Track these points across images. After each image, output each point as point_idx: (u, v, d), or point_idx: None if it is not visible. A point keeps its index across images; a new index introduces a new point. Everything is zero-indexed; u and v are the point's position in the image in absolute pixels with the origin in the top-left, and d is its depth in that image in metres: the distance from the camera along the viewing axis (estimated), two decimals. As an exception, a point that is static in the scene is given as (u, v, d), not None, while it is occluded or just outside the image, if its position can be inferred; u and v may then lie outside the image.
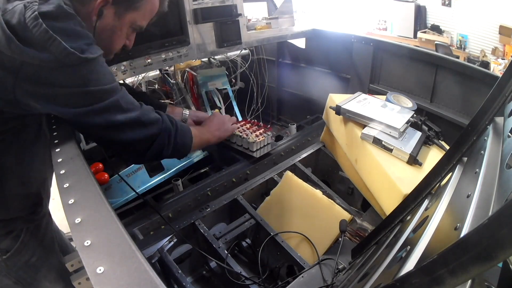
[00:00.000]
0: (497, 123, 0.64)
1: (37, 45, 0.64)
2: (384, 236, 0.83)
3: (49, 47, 0.64)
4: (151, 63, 1.29)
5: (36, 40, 0.63)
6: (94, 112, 0.74)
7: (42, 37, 0.63)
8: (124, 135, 0.81)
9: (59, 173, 0.67)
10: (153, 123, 0.87)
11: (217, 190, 1.27)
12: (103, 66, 0.75)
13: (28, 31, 0.63)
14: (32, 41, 0.64)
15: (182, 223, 1.13)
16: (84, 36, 0.70)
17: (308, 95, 2.09)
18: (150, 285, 0.44)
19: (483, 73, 1.32)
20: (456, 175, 0.66)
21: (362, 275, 0.72)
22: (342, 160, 1.41)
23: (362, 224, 1.16)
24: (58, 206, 0.64)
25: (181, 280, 0.97)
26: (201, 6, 1.39)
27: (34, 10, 0.63)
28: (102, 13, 0.78)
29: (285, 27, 1.75)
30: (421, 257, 0.50)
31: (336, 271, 0.97)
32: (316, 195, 1.20)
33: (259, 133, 1.38)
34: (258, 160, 1.38)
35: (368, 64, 1.70)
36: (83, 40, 0.69)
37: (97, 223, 0.54)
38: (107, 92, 0.75)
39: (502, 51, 4.30)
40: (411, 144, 1.16)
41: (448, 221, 0.54)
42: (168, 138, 0.90)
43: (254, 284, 1.00)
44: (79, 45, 0.67)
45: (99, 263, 0.46)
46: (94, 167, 1.30)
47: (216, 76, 1.87)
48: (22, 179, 0.91)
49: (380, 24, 5.68)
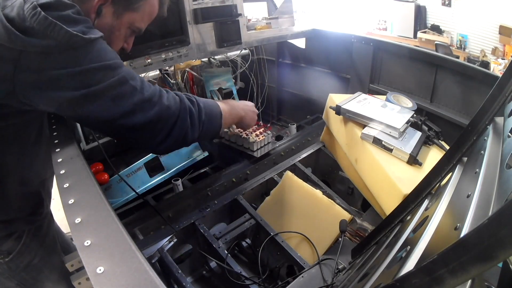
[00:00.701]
0: (497, 123, 0.64)
1: (38, 33, 0.63)
2: (384, 236, 0.83)
3: (50, 33, 0.63)
4: (151, 63, 1.28)
5: (36, 28, 0.62)
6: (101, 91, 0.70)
7: (42, 24, 0.62)
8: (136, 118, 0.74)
9: (59, 173, 0.67)
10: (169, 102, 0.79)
11: (217, 190, 1.27)
12: (106, 46, 0.73)
13: (27, 21, 0.62)
14: (32, 30, 0.63)
15: (182, 223, 1.13)
16: (83, 21, 0.69)
17: (308, 95, 2.09)
18: (150, 285, 0.44)
19: (483, 73, 1.31)
20: (456, 175, 0.66)
21: (362, 275, 0.72)
22: (342, 160, 1.41)
23: (362, 224, 1.16)
24: (58, 206, 0.64)
25: (181, 280, 0.97)
26: (201, 6, 1.39)
27: (33, 1, 0.63)
28: (101, 11, 0.78)
29: (285, 27, 1.75)
30: (421, 257, 0.50)
31: (336, 271, 0.97)
32: (316, 195, 1.20)
33: (259, 133, 1.38)
34: (258, 160, 1.38)
35: (368, 64, 1.70)
36: (83, 24, 0.68)
37: (97, 223, 0.54)
38: (112, 67, 0.71)
39: (502, 51, 4.30)
40: (411, 144, 1.16)
41: (448, 221, 0.54)
42: (191, 118, 0.83)
43: (254, 284, 1.00)
44: (79, 28, 0.66)
45: (99, 263, 0.46)
46: (94, 167, 1.30)
47: (221, 76, 1.87)
48: (22, 179, 0.91)
49: (380, 24, 5.68)
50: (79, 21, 0.68)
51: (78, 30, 0.65)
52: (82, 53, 0.67)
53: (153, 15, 0.90)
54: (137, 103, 0.74)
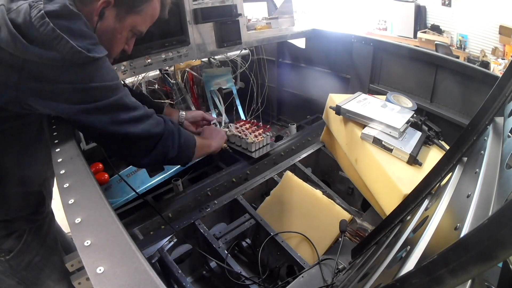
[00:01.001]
0: (497, 123, 0.64)
1: (44, 44, 0.64)
2: (384, 236, 0.83)
3: (56, 46, 0.64)
4: (151, 63, 1.29)
5: (43, 38, 0.63)
6: (98, 109, 0.74)
7: (49, 36, 0.63)
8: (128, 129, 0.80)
9: (59, 173, 0.67)
10: (158, 122, 0.86)
11: (217, 190, 1.27)
12: (108, 66, 0.76)
13: (35, 29, 0.63)
14: (38, 40, 0.63)
15: (182, 223, 1.13)
16: (89, 36, 0.71)
17: (308, 95, 2.09)
18: (150, 285, 0.44)
19: (483, 73, 1.32)
20: (456, 175, 0.66)
21: (362, 275, 0.72)
22: (342, 160, 1.41)
23: (362, 224, 1.16)
24: (58, 206, 0.64)
25: (181, 280, 0.97)
26: (201, 6, 1.39)
27: (40, 9, 0.63)
28: (103, 14, 0.78)
29: (285, 27, 1.75)
30: (421, 257, 0.50)
31: (336, 271, 0.97)
32: (316, 195, 1.20)
33: (258, 134, 1.38)
34: (258, 160, 1.38)
35: (368, 64, 1.70)
36: (89, 40, 0.70)
37: (97, 223, 0.54)
38: (112, 89, 0.75)
39: (502, 51, 4.30)
40: (411, 144, 1.16)
41: (448, 221, 0.54)
42: (172, 139, 0.89)
43: (254, 284, 1.00)
44: (85, 44, 0.68)
45: (99, 263, 0.46)
46: (94, 167, 1.30)
47: (221, 76, 1.87)
48: (22, 178, 0.91)
49: (380, 24, 5.68)
50: (86, 36, 0.69)
51: (83, 47, 0.67)
52: (85, 70, 0.70)
53: (154, 17, 0.90)
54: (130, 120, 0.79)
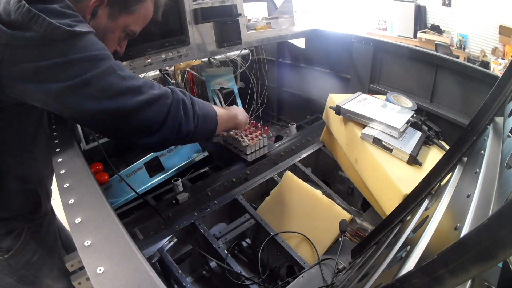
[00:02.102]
0: (497, 123, 0.64)
1: (22, 26, 0.62)
2: (384, 236, 0.83)
3: (33, 26, 0.61)
4: (151, 63, 1.28)
5: (20, 21, 0.61)
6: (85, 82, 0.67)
7: (26, 17, 0.61)
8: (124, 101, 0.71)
9: (59, 173, 0.67)
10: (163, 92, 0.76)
11: (217, 190, 1.27)
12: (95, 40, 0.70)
13: (12, 14, 0.61)
14: (16, 23, 0.62)
15: (182, 223, 1.13)
16: (71, 15, 0.67)
17: (308, 95, 2.08)
18: (150, 285, 0.44)
19: (483, 73, 1.31)
20: (456, 175, 0.66)
21: (362, 275, 0.72)
22: (342, 160, 1.41)
23: (362, 224, 1.16)
24: (58, 206, 0.64)
25: (181, 280, 0.97)
26: (201, 6, 1.39)
27: None
28: (96, 12, 0.77)
29: (285, 27, 1.75)
30: (421, 257, 0.50)
31: (336, 271, 0.97)
32: (316, 195, 1.20)
33: (254, 136, 1.37)
34: (258, 160, 1.38)
35: (368, 64, 1.70)
36: (70, 17, 0.66)
37: (97, 223, 0.54)
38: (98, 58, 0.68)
39: (502, 51, 4.30)
40: (411, 144, 1.16)
41: (448, 221, 0.54)
42: (184, 109, 0.79)
43: (254, 284, 1.00)
44: (65, 21, 0.64)
45: (99, 263, 0.46)
46: (94, 167, 1.30)
47: (223, 76, 1.86)
48: (20, 176, 0.91)
49: (380, 24, 5.68)
50: (66, 14, 0.66)
51: (63, 23, 0.64)
52: (66, 45, 0.65)
53: (148, 18, 0.89)
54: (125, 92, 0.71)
